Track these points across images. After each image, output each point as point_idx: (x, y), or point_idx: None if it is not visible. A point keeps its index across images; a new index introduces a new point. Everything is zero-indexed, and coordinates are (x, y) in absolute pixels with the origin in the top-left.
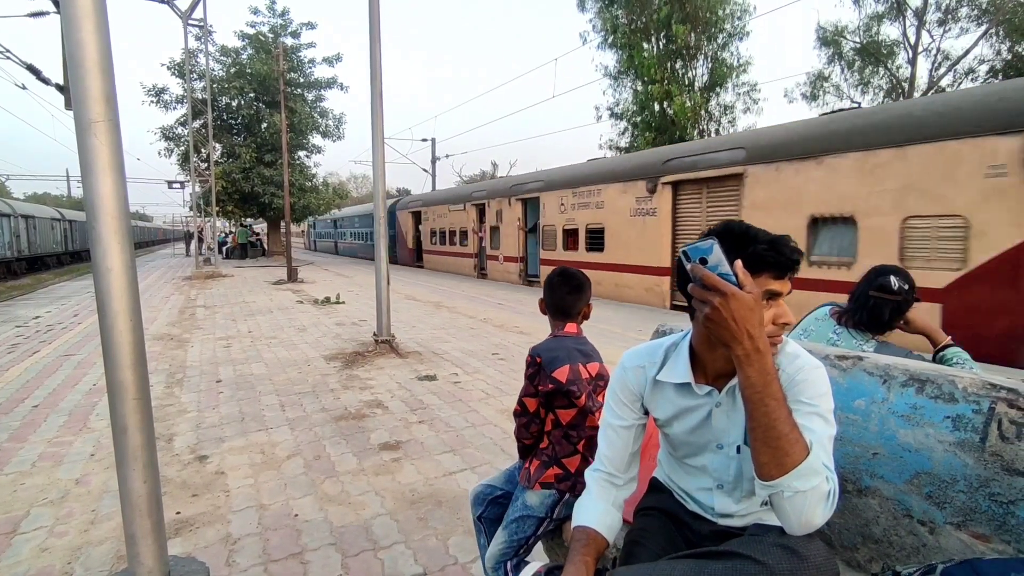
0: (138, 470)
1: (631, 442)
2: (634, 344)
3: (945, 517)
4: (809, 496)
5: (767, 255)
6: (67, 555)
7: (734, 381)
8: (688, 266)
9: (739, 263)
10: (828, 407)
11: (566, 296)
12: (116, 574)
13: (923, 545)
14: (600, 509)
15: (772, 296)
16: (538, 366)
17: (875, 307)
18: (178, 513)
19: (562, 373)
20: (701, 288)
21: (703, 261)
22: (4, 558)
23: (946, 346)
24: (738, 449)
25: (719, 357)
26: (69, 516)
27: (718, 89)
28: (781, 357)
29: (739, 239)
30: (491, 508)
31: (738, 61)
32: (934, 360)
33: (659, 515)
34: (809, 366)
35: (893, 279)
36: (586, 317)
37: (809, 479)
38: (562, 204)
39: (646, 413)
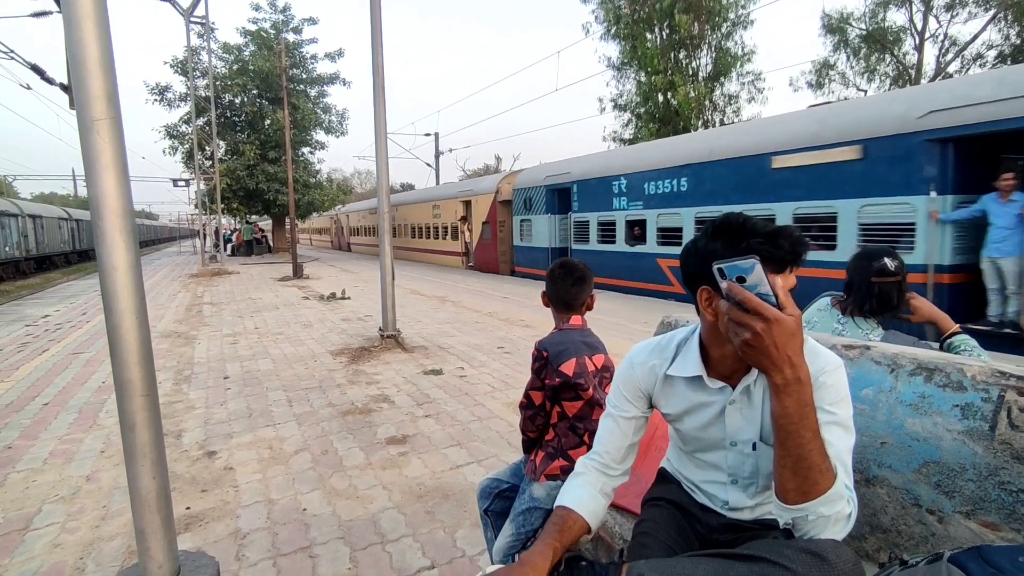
0: (147, 466)
1: (631, 433)
2: (639, 335)
3: (954, 506)
4: (831, 519)
5: (763, 249)
6: (79, 550)
7: (748, 380)
8: (723, 285)
9: (779, 281)
10: (847, 413)
11: (570, 288)
12: (126, 569)
13: (932, 534)
14: (586, 493)
15: None
16: (545, 360)
17: (882, 292)
18: (188, 508)
19: (569, 367)
20: (740, 311)
21: (740, 280)
22: (17, 554)
23: (954, 333)
24: (753, 446)
25: (729, 354)
26: (80, 512)
27: (722, 79)
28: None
29: (736, 233)
30: (498, 501)
31: (742, 50)
32: (942, 348)
33: (668, 506)
34: (831, 367)
35: (888, 261)
36: (589, 308)
37: (834, 505)
38: None
39: (650, 408)
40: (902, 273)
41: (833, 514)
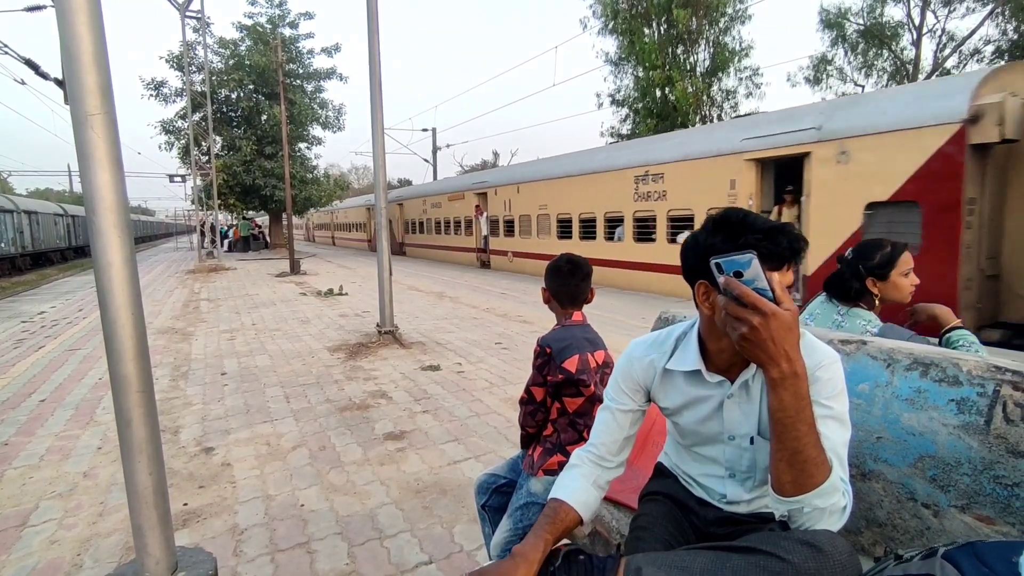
0: (143, 462)
1: (627, 426)
2: (637, 332)
3: (949, 500)
4: (827, 511)
5: (761, 246)
6: (76, 547)
7: (747, 374)
8: (720, 279)
9: (776, 277)
10: (844, 408)
11: (580, 283)
12: (124, 565)
13: (927, 528)
14: (578, 485)
15: None
16: (548, 356)
17: (841, 280)
18: (185, 504)
19: (572, 363)
20: (737, 305)
21: (737, 274)
22: (15, 550)
23: (952, 328)
24: (751, 440)
25: (727, 347)
26: (78, 508)
27: (720, 74)
28: (800, 347)
29: (735, 228)
30: (495, 497)
31: (740, 45)
32: (940, 342)
33: (665, 500)
34: (828, 361)
35: (849, 251)
36: (588, 301)
37: (829, 497)
38: None
39: (648, 402)
40: (846, 262)
41: (828, 506)
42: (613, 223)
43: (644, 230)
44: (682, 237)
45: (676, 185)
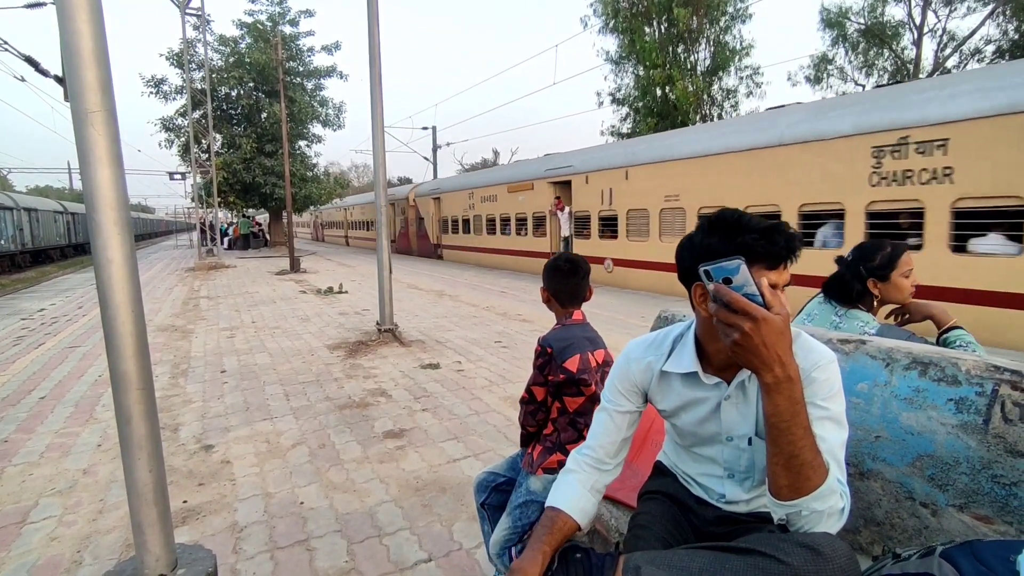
0: (143, 459)
1: (625, 428)
2: (636, 331)
3: (947, 499)
4: (824, 514)
5: (758, 245)
6: (76, 544)
7: (743, 375)
8: (710, 286)
9: (766, 281)
10: (840, 408)
11: (580, 282)
12: (124, 562)
13: (925, 527)
14: (576, 492)
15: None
16: (549, 356)
17: (842, 282)
18: (185, 502)
19: (573, 363)
20: (728, 311)
21: (727, 280)
22: (14, 547)
23: (950, 328)
24: (749, 441)
25: (723, 348)
26: (77, 506)
27: (720, 73)
28: (795, 348)
29: (731, 229)
30: (494, 495)
31: (740, 44)
32: (938, 342)
33: (664, 499)
34: (825, 361)
35: (849, 253)
36: (586, 299)
37: (826, 500)
38: None
39: (645, 403)
40: (846, 264)
41: (826, 509)
42: (815, 221)
43: (890, 231)
44: (987, 243)
45: (978, 158)
